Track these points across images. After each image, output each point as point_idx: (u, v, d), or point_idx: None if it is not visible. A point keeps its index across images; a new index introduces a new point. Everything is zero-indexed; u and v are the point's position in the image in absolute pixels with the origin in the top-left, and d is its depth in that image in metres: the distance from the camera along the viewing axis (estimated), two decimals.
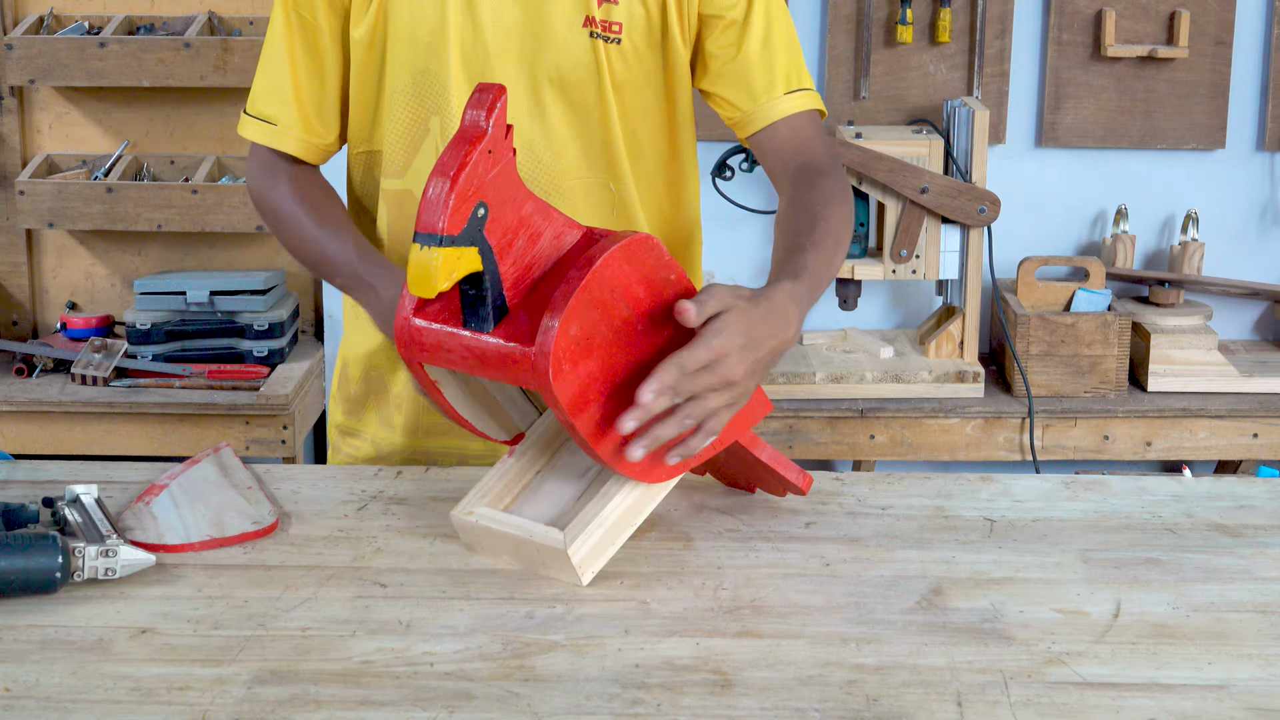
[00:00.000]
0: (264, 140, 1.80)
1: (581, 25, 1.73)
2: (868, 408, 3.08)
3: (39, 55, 3.16)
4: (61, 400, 3.04)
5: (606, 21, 1.74)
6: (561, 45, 1.74)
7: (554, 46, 1.74)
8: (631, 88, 1.78)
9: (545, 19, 1.73)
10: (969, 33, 3.29)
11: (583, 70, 1.75)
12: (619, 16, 1.74)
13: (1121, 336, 3.10)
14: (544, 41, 1.73)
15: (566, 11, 1.73)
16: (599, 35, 1.74)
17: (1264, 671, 1.34)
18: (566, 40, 1.73)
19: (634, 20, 1.75)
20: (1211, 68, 3.31)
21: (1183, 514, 1.67)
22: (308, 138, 1.80)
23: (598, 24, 1.74)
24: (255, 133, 1.81)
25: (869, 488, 1.74)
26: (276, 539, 1.59)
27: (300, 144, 1.80)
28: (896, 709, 1.28)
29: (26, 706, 1.27)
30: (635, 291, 1.43)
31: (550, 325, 1.37)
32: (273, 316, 3.19)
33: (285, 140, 1.80)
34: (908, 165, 3.07)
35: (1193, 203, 3.36)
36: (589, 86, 1.76)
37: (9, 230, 3.36)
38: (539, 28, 1.73)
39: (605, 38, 1.74)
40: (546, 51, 1.74)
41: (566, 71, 1.75)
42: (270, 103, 1.79)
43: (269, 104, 1.79)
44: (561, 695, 1.29)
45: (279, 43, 1.78)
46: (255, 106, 1.81)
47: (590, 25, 1.73)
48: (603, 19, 1.74)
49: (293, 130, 1.79)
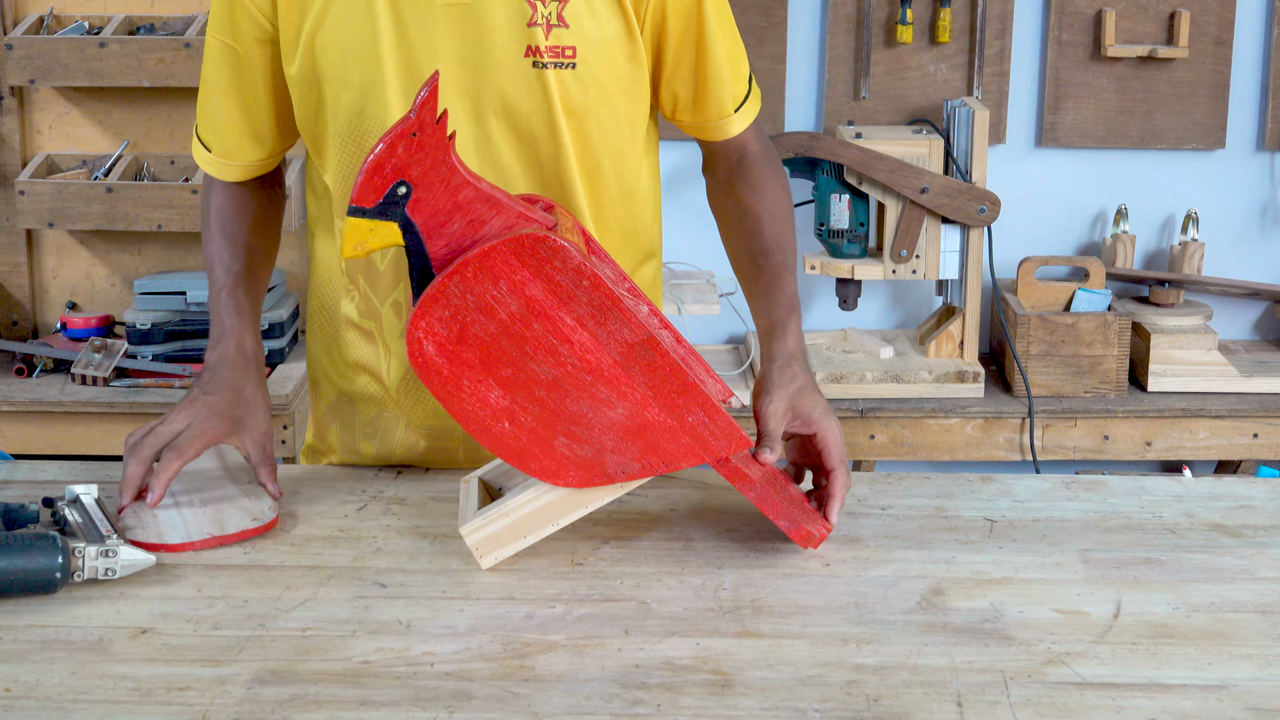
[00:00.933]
0: (204, 167, 1.82)
1: (524, 55, 1.66)
2: (868, 408, 3.08)
3: (39, 55, 3.16)
4: (61, 400, 3.04)
5: (557, 47, 1.67)
6: (504, 77, 1.67)
7: (496, 78, 1.67)
8: (589, 113, 1.72)
9: (485, 51, 1.66)
10: (969, 33, 3.29)
11: (529, 101, 1.68)
12: (571, 40, 1.68)
13: (1121, 336, 3.10)
14: (485, 74, 1.67)
15: (507, 42, 1.66)
16: (547, 64, 1.67)
17: (1264, 671, 1.34)
18: (509, 72, 1.67)
19: (589, 43, 1.68)
20: (1211, 68, 3.31)
21: (1183, 514, 1.67)
22: (243, 161, 1.81)
23: (544, 51, 1.67)
24: (200, 158, 1.83)
25: (869, 488, 1.74)
26: (276, 539, 1.59)
27: (238, 169, 1.81)
28: (896, 709, 1.28)
29: (26, 706, 1.27)
30: (530, 290, 1.45)
31: (412, 305, 1.48)
32: (272, 316, 3.19)
33: (223, 170, 1.81)
34: (908, 165, 3.07)
35: (1193, 203, 3.36)
36: (537, 116, 1.69)
37: (9, 230, 3.36)
38: (479, 60, 1.67)
39: (558, 64, 1.68)
40: (489, 83, 1.67)
41: (512, 103, 1.68)
42: (207, 129, 1.80)
43: (206, 130, 1.81)
44: (561, 695, 1.29)
45: (210, 70, 1.77)
46: (200, 130, 1.82)
47: (534, 55, 1.67)
48: (552, 45, 1.67)
49: (228, 158, 1.80)
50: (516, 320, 1.46)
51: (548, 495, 1.53)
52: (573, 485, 1.51)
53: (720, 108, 1.78)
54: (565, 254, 1.45)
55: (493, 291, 1.45)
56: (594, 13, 1.68)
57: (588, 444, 1.50)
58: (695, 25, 1.73)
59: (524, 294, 1.46)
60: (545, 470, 1.51)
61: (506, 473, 1.63)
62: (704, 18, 1.73)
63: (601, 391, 1.48)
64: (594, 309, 1.46)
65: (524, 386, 1.48)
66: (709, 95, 1.76)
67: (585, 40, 1.68)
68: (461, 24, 1.66)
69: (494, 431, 1.49)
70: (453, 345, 1.47)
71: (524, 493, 1.53)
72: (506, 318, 1.46)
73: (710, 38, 1.73)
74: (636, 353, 1.48)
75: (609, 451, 1.50)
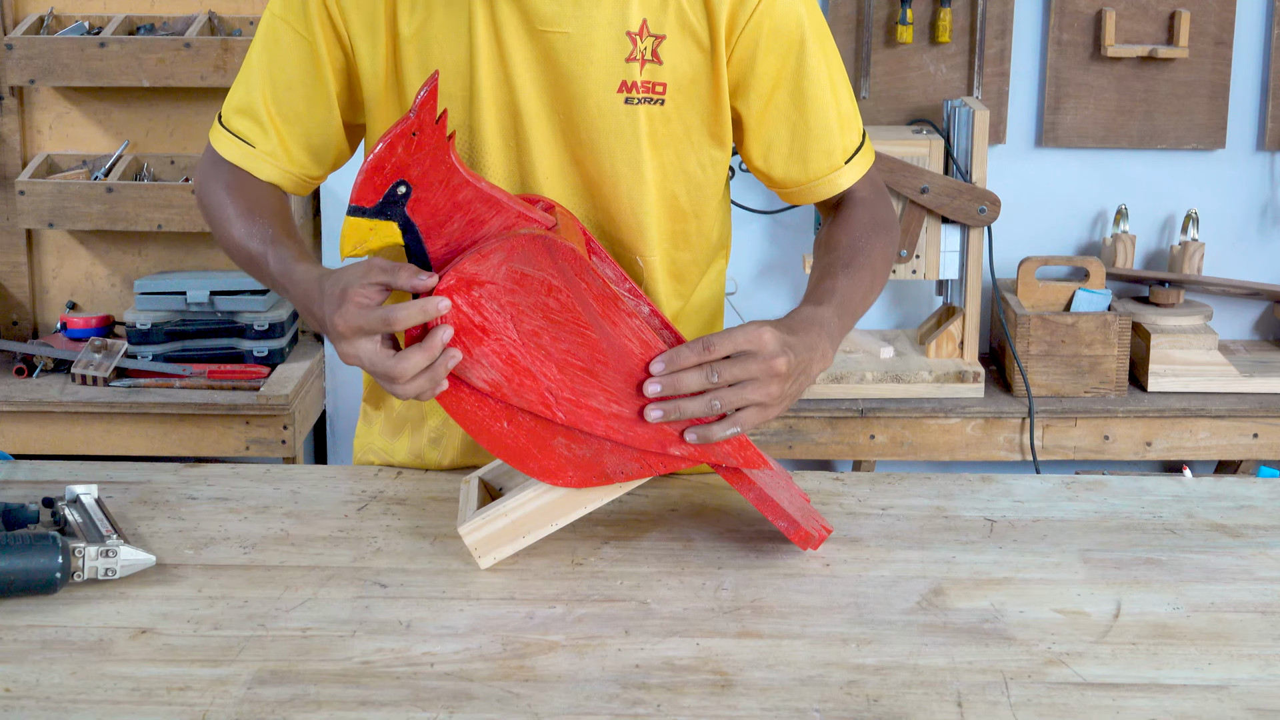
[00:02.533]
0: (238, 161, 1.71)
1: (617, 90, 1.64)
2: (868, 408, 3.08)
3: (39, 55, 3.16)
4: (61, 400, 3.04)
5: (650, 83, 1.64)
6: (594, 108, 1.64)
7: (586, 109, 1.64)
8: (672, 149, 1.69)
9: (579, 81, 1.63)
10: (969, 33, 3.29)
11: (616, 135, 1.65)
12: (664, 77, 1.64)
13: (1121, 336, 3.10)
14: (576, 103, 1.64)
15: (602, 75, 1.63)
16: (639, 99, 1.65)
17: (1264, 671, 1.34)
18: (600, 104, 1.64)
19: (679, 80, 1.65)
20: (1211, 68, 3.31)
21: (1183, 514, 1.67)
22: (287, 166, 1.72)
23: (638, 87, 1.64)
24: (228, 150, 1.71)
25: (869, 488, 1.74)
26: (276, 539, 1.59)
27: (279, 172, 1.72)
28: (897, 709, 1.28)
29: (26, 706, 1.27)
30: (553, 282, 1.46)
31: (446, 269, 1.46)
32: (273, 316, 3.19)
33: (261, 166, 1.71)
34: (908, 165, 3.07)
35: (1193, 203, 3.36)
36: (622, 150, 1.66)
37: (9, 230, 3.36)
38: (572, 89, 1.63)
39: (648, 100, 1.65)
40: (578, 113, 1.64)
41: (599, 135, 1.65)
42: (245, 121, 1.70)
43: (244, 121, 1.70)
44: (561, 695, 1.29)
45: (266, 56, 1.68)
46: (230, 120, 1.71)
47: (626, 90, 1.64)
48: (645, 80, 1.64)
49: (271, 157, 1.70)
50: (549, 312, 1.46)
51: (546, 495, 1.52)
52: (571, 485, 1.51)
53: (829, 160, 1.72)
54: (566, 253, 1.45)
55: (529, 283, 1.45)
56: (686, 50, 1.65)
57: (586, 444, 1.50)
58: (793, 66, 1.68)
59: (550, 286, 1.46)
60: (544, 470, 1.51)
61: (507, 472, 1.63)
62: (805, 58, 1.68)
63: (604, 390, 1.48)
64: (593, 309, 1.46)
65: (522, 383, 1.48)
66: (811, 147, 1.71)
67: (676, 78, 1.65)
68: (559, 53, 1.63)
69: (492, 431, 1.49)
70: (451, 345, 1.46)
71: (523, 493, 1.53)
72: (544, 309, 1.46)
73: (811, 83, 1.68)
74: (636, 353, 1.48)
75: (608, 452, 1.50)
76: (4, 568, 1.43)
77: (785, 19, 1.66)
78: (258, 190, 1.71)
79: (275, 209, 1.70)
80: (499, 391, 1.47)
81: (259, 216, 1.67)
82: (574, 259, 1.45)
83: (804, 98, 1.69)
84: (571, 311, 1.46)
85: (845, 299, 1.64)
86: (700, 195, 1.74)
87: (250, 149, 1.71)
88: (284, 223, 1.69)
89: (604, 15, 1.62)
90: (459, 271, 1.44)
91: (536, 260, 1.44)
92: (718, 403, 1.48)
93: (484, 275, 1.44)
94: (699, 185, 1.73)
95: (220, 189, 1.71)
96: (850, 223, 1.74)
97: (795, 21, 1.67)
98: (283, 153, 1.71)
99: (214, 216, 1.72)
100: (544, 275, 1.45)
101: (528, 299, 1.45)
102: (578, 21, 1.62)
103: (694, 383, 1.47)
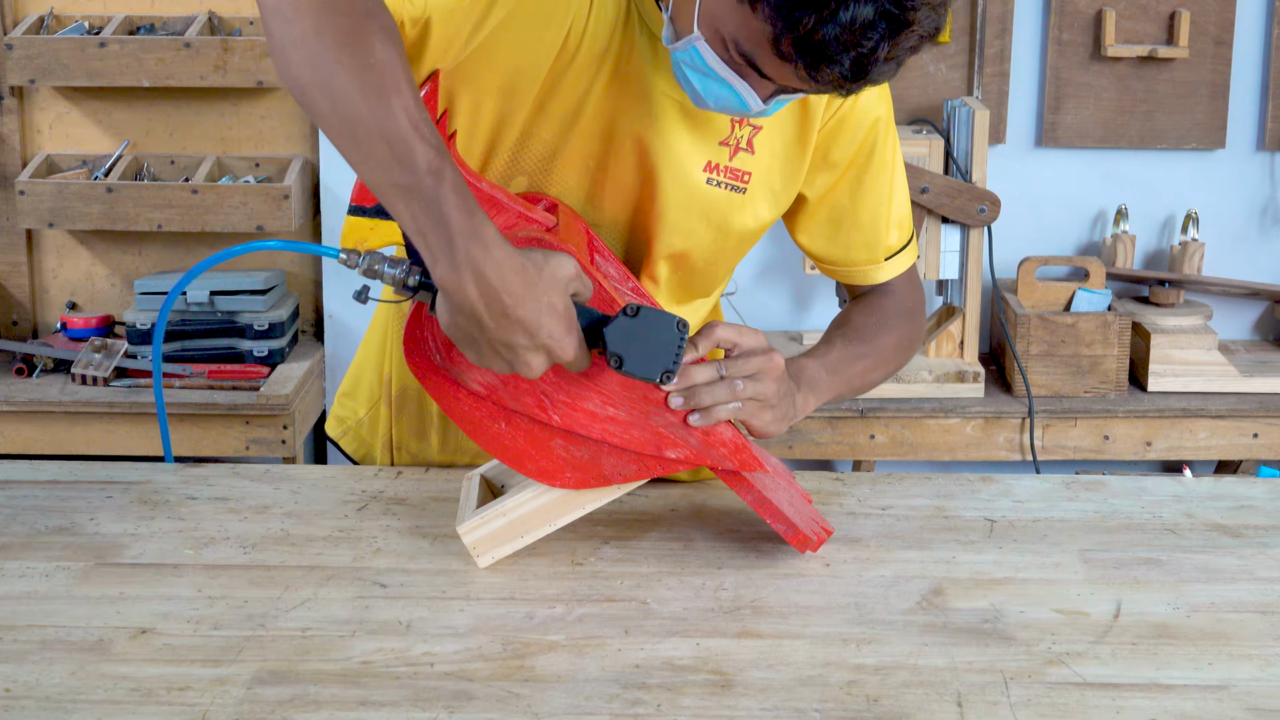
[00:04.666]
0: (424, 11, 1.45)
1: (702, 169, 1.62)
2: (868, 408, 3.08)
3: (39, 55, 3.16)
4: (61, 400, 3.04)
5: (736, 170, 1.64)
6: (670, 179, 1.61)
7: (664, 174, 1.61)
8: (730, 230, 1.68)
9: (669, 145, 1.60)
10: (969, 33, 3.29)
11: (678, 208, 1.63)
12: (750, 166, 1.64)
13: (1121, 336, 3.10)
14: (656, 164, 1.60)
15: (690, 149, 1.61)
16: (720, 183, 1.64)
17: (1264, 671, 1.34)
18: (677, 177, 1.61)
19: (763, 171, 1.64)
20: (1211, 68, 3.31)
21: (1183, 514, 1.67)
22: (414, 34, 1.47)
23: (723, 170, 1.63)
24: None
25: (869, 488, 1.74)
26: (276, 539, 1.59)
27: None
28: (897, 709, 1.28)
29: (26, 706, 1.27)
30: None
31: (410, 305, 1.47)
32: (273, 316, 3.19)
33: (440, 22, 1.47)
34: (908, 165, 3.07)
35: (1193, 203, 3.36)
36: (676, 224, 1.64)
37: (9, 230, 3.36)
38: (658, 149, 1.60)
39: (730, 186, 1.64)
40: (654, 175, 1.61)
41: (666, 206, 1.63)
42: None
43: None
44: (561, 695, 1.29)
45: None
46: None
47: (710, 170, 1.62)
48: (733, 167, 1.63)
49: None
50: None
51: (545, 495, 1.52)
52: (569, 486, 1.51)
53: (870, 253, 1.75)
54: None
55: None
56: (772, 144, 1.65)
57: (584, 446, 1.49)
58: (861, 163, 1.69)
59: None
60: (542, 471, 1.51)
61: (508, 470, 1.63)
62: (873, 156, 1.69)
63: (599, 393, 1.48)
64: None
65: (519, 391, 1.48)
66: (855, 239, 1.74)
67: (761, 169, 1.65)
68: (663, 112, 1.59)
69: (490, 432, 1.49)
70: (449, 345, 1.46)
71: (522, 492, 1.53)
72: None
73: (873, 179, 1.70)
74: None
75: (606, 453, 1.50)
76: None
77: (865, 116, 1.68)
78: None
79: None
80: (495, 394, 1.47)
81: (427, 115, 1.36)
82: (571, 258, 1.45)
83: (862, 192, 1.72)
84: None
85: (838, 364, 1.69)
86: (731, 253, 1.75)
87: None
88: None
89: None
90: None
91: None
92: (739, 383, 1.51)
93: None
94: (736, 246, 1.73)
95: (391, 42, 1.35)
96: (871, 308, 1.78)
97: (873, 119, 1.68)
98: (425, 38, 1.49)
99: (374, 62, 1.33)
100: None
101: None
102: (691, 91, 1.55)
103: (707, 376, 1.51)
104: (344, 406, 1.92)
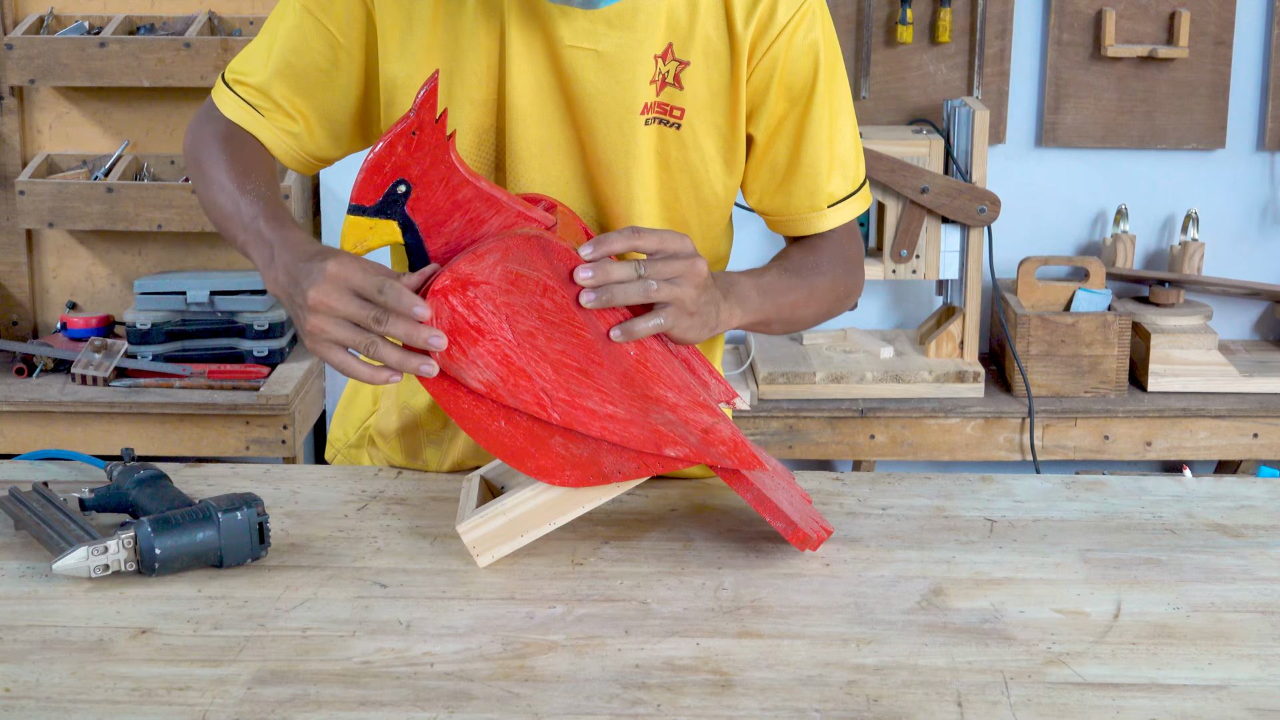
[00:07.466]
0: (243, 122, 1.68)
1: (639, 113, 1.64)
2: (868, 408, 3.08)
3: (39, 55, 3.16)
4: (61, 400, 3.04)
5: (667, 105, 1.65)
6: (615, 130, 1.64)
7: (602, 126, 1.64)
8: (685, 173, 1.69)
9: (597, 98, 1.63)
10: (969, 33, 3.29)
11: (626, 154, 1.65)
12: (683, 101, 1.65)
13: (1121, 336, 3.10)
14: (592, 120, 1.64)
15: (624, 96, 1.63)
16: (652, 120, 1.65)
17: (1264, 672, 1.34)
18: (620, 125, 1.64)
19: (698, 106, 1.66)
20: (1211, 68, 3.31)
21: (1183, 514, 1.67)
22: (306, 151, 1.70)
23: (652, 107, 1.64)
24: (233, 110, 1.68)
25: (869, 488, 1.74)
26: (276, 539, 1.58)
27: (277, 140, 1.69)
28: (897, 709, 1.28)
29: (26, 706, 1.27)
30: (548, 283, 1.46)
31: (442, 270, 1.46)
32: (273, 316, 3.19)
33: (264, 131, 1.68)
34: (908, 165, 3.07)
35: (1193, 203, 3.36)
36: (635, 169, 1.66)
37: (9, 230, 3.36)
38: (590, 106, 1.63)
39: (663, 121, 1.66)
40: (594, 129, 1.64)
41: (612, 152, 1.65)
42: (256, 93, 1.68)
43: (255, 94, 1.68)
44: (561, 695, 1.29)
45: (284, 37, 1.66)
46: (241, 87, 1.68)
47: (645, 111, 1.64)
48: (663, 102, 1.65)
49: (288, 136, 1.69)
50: (542, 310, 1.46)
51: (545, 494, 1.52)
52: (569, 485, 1.51)
53: (811, 200, 1.74)
54: (562, 254, 1.45)
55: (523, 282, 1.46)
56: (708, 77, 1.65)
57: (584, 444, 1.50)
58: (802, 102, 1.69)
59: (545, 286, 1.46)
60: (541, 469, 1.51)
61: (508, 471, 1.63)
62: (814, 95, 1.69)
63: (598, 391, 1.48)
64: (588, 310, 1.46)
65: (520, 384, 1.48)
66: (796, 183, 1.73)
67: (695, 104, 1.66)
68: (586, 69, 1.62)
69: (490, 430, 1.49)
70: (449, 345, 1.46)
71: (521, 491, 1.53)
72: (537, 305, 1.46)
73: (812, 121, 1.70)
74: (631, 355, 1.48)
75: (605, 451, 1.50)
76: None
77: (803, 53, 1.67)
78: (254, 149, 1.68)
79: (270, 170, 1.67)
80: (494, 392, 1.47)
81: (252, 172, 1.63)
82: (569, 259, 1.45)
83: (802, 135, 1.71)
84: (566, 312, 1.46)
85: (770, 288, 1.67)
86: (709, 219, 1.75)
87: (254, 115, 1.68)
88: (275, 185, 1.65)
89: (633, 37, 1.62)
90: (454, 272, 1.44)
91: (532, 260, 1.45)
92: (653, 283, 1.48)
93: (479, 276, 1.44)
94: (709, 209, 1.74)
95: (213, 138, 1.68)
96: (809, 248, 1.77)
97: (812, 57, 1.68)
98: (304, 136, 1.70)
99: (204, 168, 1.67)
100: (539, 275, 1.45)
101: (523, 299, 1.45)
102: (608, 40, 1.62)
103: (623, 274, 1.47)
104: (339, 425, 1.93)
